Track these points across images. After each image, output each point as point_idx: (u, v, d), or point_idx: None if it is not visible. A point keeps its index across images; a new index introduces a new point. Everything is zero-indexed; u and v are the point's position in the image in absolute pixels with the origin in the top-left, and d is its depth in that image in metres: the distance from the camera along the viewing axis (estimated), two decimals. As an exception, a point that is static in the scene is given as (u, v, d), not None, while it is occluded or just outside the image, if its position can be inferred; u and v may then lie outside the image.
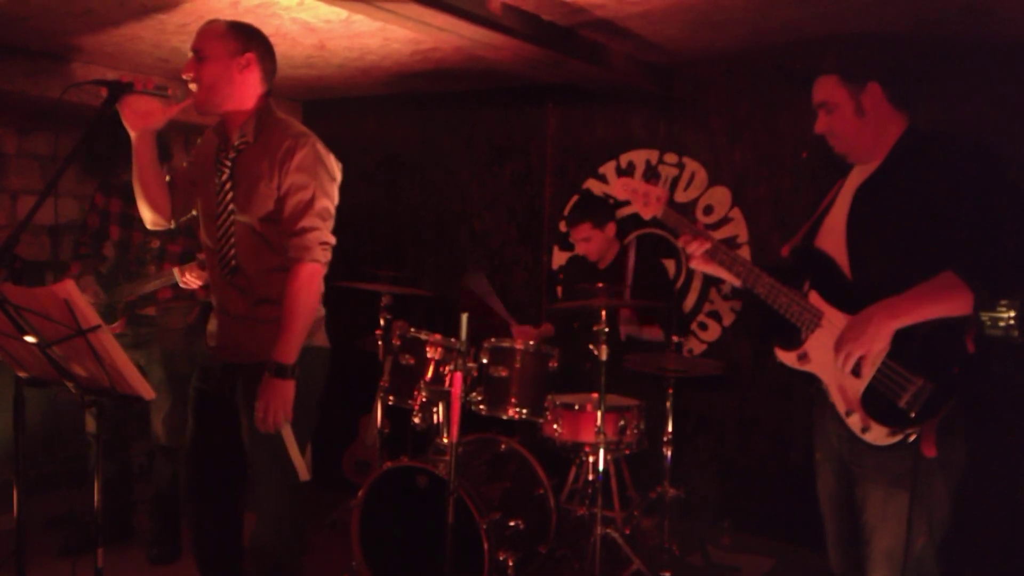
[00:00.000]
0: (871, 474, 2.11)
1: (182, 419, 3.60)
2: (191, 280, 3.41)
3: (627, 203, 4.20)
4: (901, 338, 2.01)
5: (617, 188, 2.58)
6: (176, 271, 3.40)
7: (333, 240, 2.42)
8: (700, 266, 2.39)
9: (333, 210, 2.43)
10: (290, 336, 2.32)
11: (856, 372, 2.07)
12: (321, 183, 2.38)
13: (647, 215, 2.49)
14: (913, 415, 1.97)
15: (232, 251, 2.42)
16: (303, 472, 2.42)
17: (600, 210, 3.89)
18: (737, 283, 2.35)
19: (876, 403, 2.04)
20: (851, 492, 2.19)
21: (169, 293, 3.56)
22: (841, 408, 2.13)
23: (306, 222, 2.35)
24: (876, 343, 2.00)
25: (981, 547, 3.24)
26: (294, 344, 2.32)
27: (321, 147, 2.41)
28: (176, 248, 3.53)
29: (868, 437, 2.06)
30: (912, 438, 2.00)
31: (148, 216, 2.55)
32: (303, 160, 2.35)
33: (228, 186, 2.41)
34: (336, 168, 2.46)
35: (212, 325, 2.55)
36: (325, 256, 2.39)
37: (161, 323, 3.61)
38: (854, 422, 2.09)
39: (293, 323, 2.32)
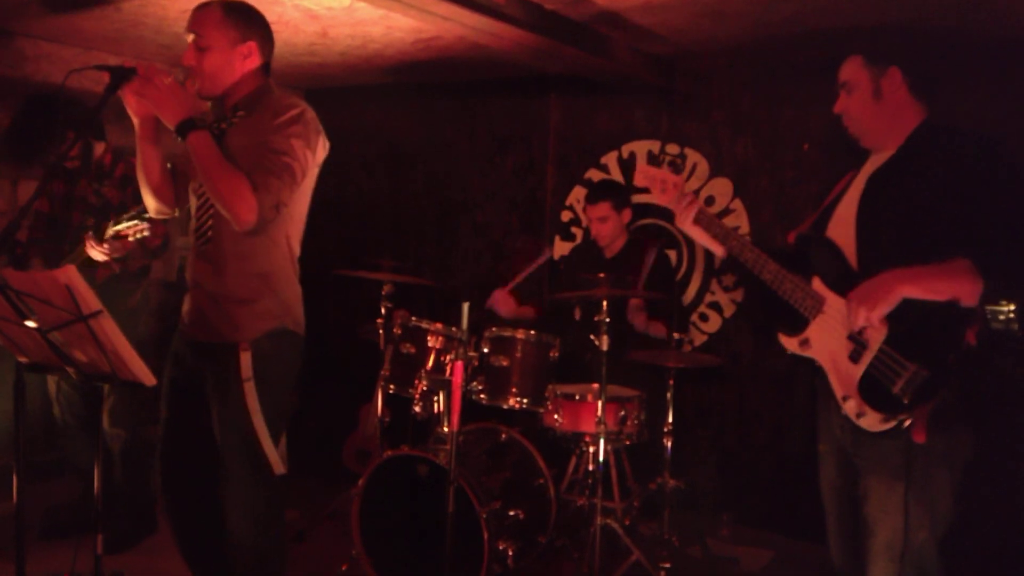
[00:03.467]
0: (873, 466, 2.12)
1: (122, 403, 3.54)
2: (93, 251, 3.26)
3: (638, 191, 4.24)
4: (897, 325, 2.03)
5: (637, 175, 2.62)
6: (87, 241, 3.27)
7: (285, 202, 2.30)
8: (688, 227, 2.46)
9: (298, 175, 2.31)
10: (200, 143, 2.22)
11: (855, 358, 2.09)
12: (295, 139, 2.29)
13: (664, 202, 2.54)
14: (906, 401, 1.98)
15: (209, 221, 2.38)
16: (277, 465, 2.36)
17: (621, 193, 3.90)
18: (720, 252, 2.42)
19: (872, 389, 2.06)
20: (853, 484, 2.20)
21: (107, 272, 3.44)
22: (839, 393, 2.15)
23: (272, 167, 2.25)
24: (883, 304, 2.00)
25: (984, 541, 3.24)
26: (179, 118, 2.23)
27: (311, 115, 2.35)
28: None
29: (863, 423, 2.08)
30: (908, 423, 2.00)
31: (152, 204, 2.52)
32: (285, 119, 2.29)
33: None
34: (320, 143, 2.38)
35: (186, 304, 2.50)
36: (271, 212, 2.26)
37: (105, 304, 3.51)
38: (850, 407, 2.11)
39: (211, 166, 2.22)
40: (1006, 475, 3.31)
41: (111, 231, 3.17)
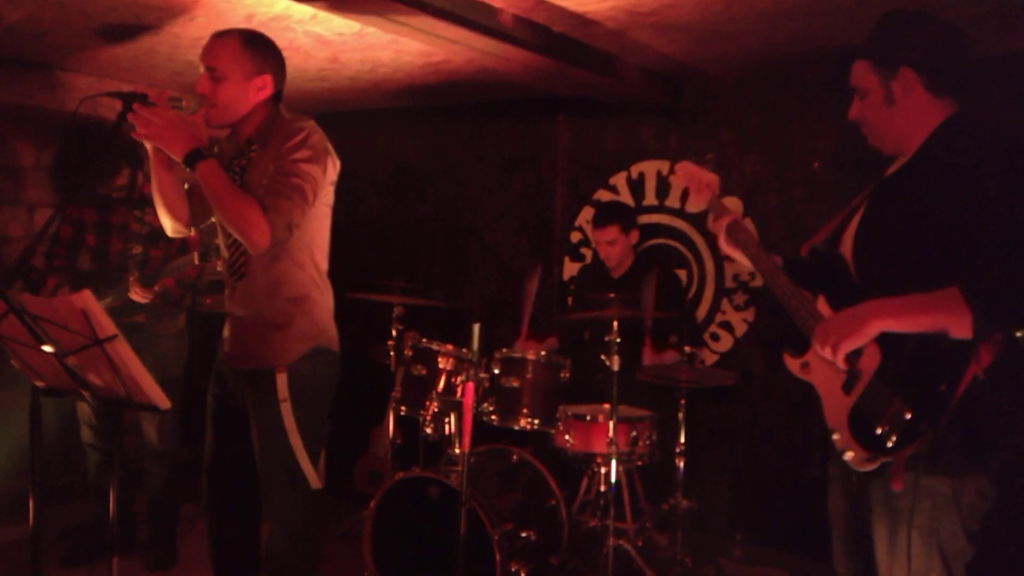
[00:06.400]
0: (876, 507, 1.98)
1: (175, 423, 3.64)
2: (137, 295, 3.43)
3: (647, 211, 4.24)
4: (891, 356, 1.86)
5: (678, 170, 2.51)
6: (131, 282, 3.43)
7: (298, 223, 2.33)
8: (721, 242, 2.33)
9: (309, 194, 2.33)
10: (209, 172, 2.25)
11: (847, 388, 1.94)
12: (303, 160, 2.32)
13: (698, 203, 2.46)
14: (889, 445, 1.81)
15: (242, 258, 2.43)
16: (314, 480, 2.43)
17: (627, 214, 3.92)
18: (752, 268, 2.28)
19: (860, 424, 1.90)
20: (858, 508, 2.07)
21: (159, 300, 3.56)
22: (829, 423, 1.99)
23: (284, 189, 2.28)
24: (852, 338, 1.85)
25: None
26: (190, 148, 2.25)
27: (318, 136, 2.38)
28: (158, 253, 3.55)
29: (847, 459, 1.92)
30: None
31: (168, 224, 2.57)
32: (293, 143, 2.33)
33: None
34: (329, 162, 2.41)
35: (226, 331, 2.56)
36: (284, 233, 2.29)
37: (151, 329, 3.62)
38: (837, 441, 1.95)
39: (221, 193, 2.25)
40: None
41: (159, 279, 3.38)
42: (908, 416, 1.78)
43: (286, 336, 2.41)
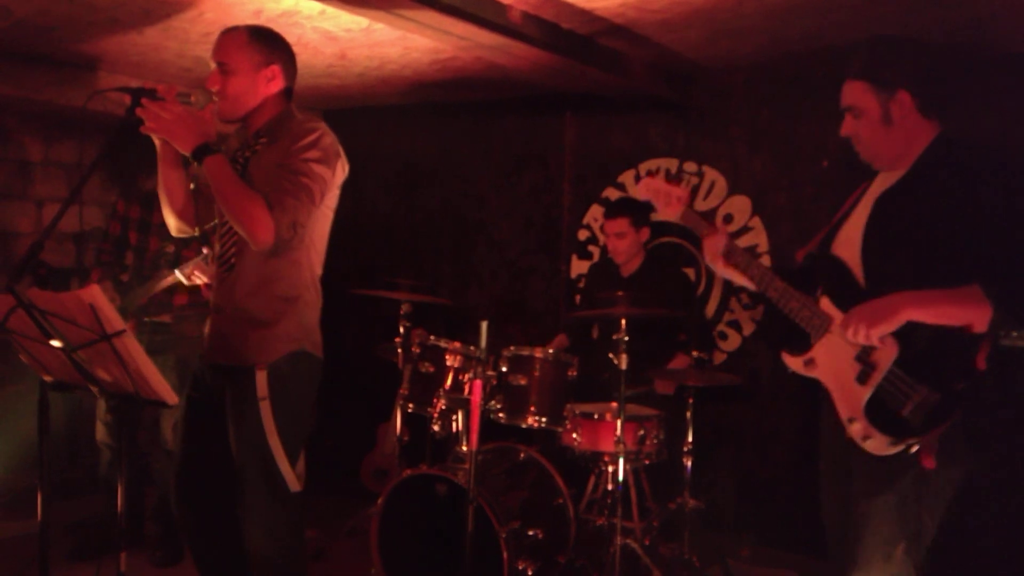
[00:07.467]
0: (862, 484, 2.10)
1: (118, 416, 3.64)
2: (195, 276, 3.40)
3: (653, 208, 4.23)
4: (908, 347, 1.99)
5: (640, 188, 2.54)
6: (178, 271, 3.42)
7: (303, 222, 2.33)
8: (719, 268, 2.38)
9: (316, 195, 2.32)
10: (216, 167, 2.24)
11: (862, 379, 2.05)
12: (312, 161, 2.31)
13: (668, 216, 2.48)
14: (916, 426, 1.95)
15: (233, 248, 2.41)
16: (293, 483, 2.37)
17: (641, 210, 3.90)
18: (754, 287, 2.34)
19: (879, 412, 2.02)
20: (849, 499, 2.16)
21: (185, 300, 3.57)
22: (844, 415, 2.10)
23: (291, 186, 2.27)
24: (884, 324, 1.97)
25: (990, 562, 3.17)
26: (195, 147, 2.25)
27: (330, 139, 2.37)
28: (190, 254, 3.56)
29: (868, 446, 2.04)
30: (914, 449, 1.97)
31: (173, 223, 2.56)
32: (304, 143, 2.32)
33: None
34: (339, 166, 2.40)
35: (207, 326, 2.51)
36: (287, 232, 2.28)
37: (176, 330, 3.63)
38: (856, 430, 2.07)
39: (227, 189, 2.25)
40: (1018, 496, 3.24)
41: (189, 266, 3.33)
42: (936, 398, 1.93)
43: (270, 334, 2.37)
